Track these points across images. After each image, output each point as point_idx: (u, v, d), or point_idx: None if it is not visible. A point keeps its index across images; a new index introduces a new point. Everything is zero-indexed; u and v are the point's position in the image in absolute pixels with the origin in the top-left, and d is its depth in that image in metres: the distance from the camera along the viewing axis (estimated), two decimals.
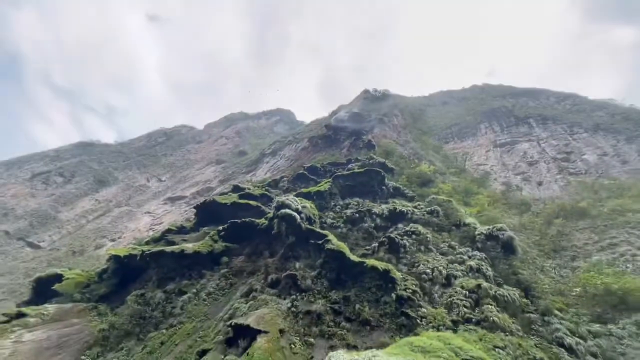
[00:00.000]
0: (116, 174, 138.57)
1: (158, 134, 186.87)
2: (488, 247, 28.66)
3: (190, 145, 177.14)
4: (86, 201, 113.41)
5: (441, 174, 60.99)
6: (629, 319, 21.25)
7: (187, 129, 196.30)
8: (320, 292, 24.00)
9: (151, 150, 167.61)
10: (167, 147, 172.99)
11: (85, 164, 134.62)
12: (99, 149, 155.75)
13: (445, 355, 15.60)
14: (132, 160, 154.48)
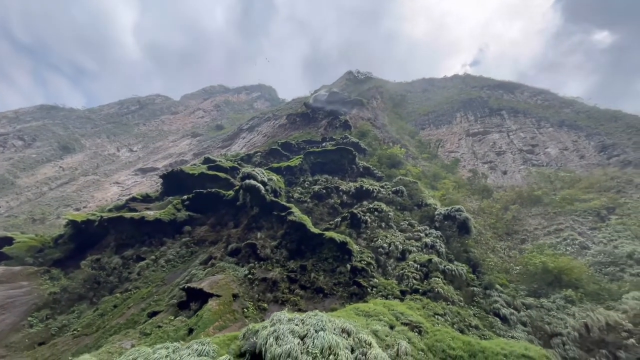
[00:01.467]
0: (83, 141, 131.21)
1: (131, 102, 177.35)
2: (445, 226, 29.98)
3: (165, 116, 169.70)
4: (48, 168, 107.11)
5: (413, 158, 62.43)
6: (559, 294, 23.23)
7: (162, 98, 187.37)
8: (278, 262, 24.39)
9: (123, 119, 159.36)
10: (140, 116, 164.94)
11: (49, 128, 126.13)
12: (64, 114, 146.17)
13: (386, 319, 16.48)
14: (102, 128, 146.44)
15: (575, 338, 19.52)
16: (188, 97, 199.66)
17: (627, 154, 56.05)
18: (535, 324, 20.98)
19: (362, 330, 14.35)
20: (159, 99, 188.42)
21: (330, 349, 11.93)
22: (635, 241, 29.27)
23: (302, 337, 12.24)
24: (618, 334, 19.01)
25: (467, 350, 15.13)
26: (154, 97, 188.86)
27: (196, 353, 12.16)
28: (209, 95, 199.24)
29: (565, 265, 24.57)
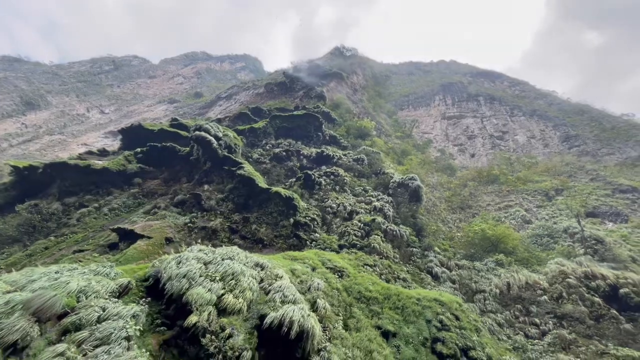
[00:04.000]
0: (49, 98, 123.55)
1: (105, 61, 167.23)
2: (398, 193, 30.43)
3: (141, 79, 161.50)
4: (9, 123, 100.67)
5: (386, 135, 62.64)
6: (491, 257, 24.32)
7: (139, 61, 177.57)
8: (222, 213, 24.10)
9: (95, 78, 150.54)
10: (114, 77, 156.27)
11: (10, 81, 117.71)
12: (29, 67, 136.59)
13: (310, 263, 16.66)
14: (71, 86, 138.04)
15: (496, 294, 20.60)
16: (168, 62, 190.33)
17: (587, 144, 58.39)
18: (463, 282, 21.96)
19: (279, 267, 14.41)
20: (136, 60, 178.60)
21: (233, 275, 11.90)
22: (573, 219, 30.83)
23: (206, 263, 12.12)
24: (534, 291, 20.19)
25: (383, 293, 15.57)
26: (130, 58, 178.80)
27: (92, 272, 11.86)
28: (191, 61, 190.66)
29: (502, 233, 25.63)
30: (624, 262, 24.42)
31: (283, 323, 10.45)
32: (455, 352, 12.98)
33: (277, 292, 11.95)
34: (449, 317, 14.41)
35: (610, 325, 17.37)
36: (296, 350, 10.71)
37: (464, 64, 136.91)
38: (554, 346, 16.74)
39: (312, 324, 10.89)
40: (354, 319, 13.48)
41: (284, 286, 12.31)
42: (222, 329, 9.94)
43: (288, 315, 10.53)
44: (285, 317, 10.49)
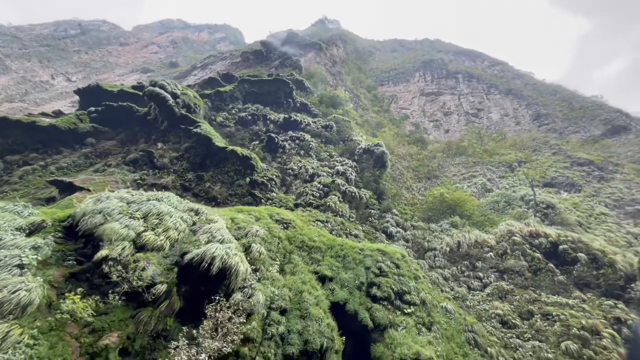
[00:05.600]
0: (8, 63, 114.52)
1: (70, 24, 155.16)
2: (363, 159, 30.26)
3: (112, 46, 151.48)
4: None
5: (363, 109, 61.99)
6: (447, 220, 24.83)
7: (109, 26, 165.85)
8: (176, 172, 23.22)
9: (59, 43, 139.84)
10: (81, 42, 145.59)
11: None
12: None
13: (256, 215, 16.31)
14: (32, 50, 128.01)
15: (446, 252, 21.15)
16: (141, 29, 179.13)
17: (555, 123, 59.97)
18: (416, 240, 22.40)
19: (218, 215, 13.96)
20: (105, 26, 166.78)
21: (158, 215, 11.35)
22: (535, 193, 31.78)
23: (129, 202, 11.47)
24: (482, 249, 20.83)
25: (327, 244, 15.49)
26: (99, 22, 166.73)
27: (2, 209, 11.04)
28: (166, 29, 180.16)
29: (459, 198, 26.13)
30: (570, 225, 25.57)
31: (204, 259, 10.10)
32: (389, 295, 13.18)
33: (205, 233, 11.54)
34: (389, 265, 14.56)
35: (546, 277, 18.22)
36: (220, 288, 10.46)
37: (447, 42, 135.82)
38: (492, 296, 17.44)
39: (237, 262, 10.61)
40: (292, 264, 13.36)
41: (214, 228, 11.91)
42: (135, 263, 9.49)
43: (209, 252, 10.18)
44: (206, 254, 10.13)
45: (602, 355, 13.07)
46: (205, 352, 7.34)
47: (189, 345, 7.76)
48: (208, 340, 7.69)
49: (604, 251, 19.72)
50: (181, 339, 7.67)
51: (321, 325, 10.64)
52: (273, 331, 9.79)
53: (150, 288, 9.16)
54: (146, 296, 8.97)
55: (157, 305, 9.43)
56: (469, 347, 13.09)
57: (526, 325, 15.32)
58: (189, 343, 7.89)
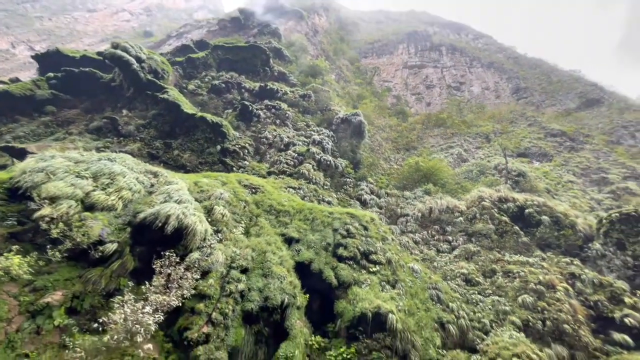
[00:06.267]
0: None
1: None
2: (340, 129, 29.81)
3: (78, 12, 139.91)
4: None
5: (346, 81, 60.62)
6: (421, 188, 25.12)
7: None
8: (143, 140, 22.16)
9: (18, 8, 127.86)
10: (43, 8, 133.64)
11: None
12: None
13: (223, 180, 15.84)
14: None
15: (417, 217, 21.52)
16: None
17: (534, 96, 60.71)
18: (390, 207, 22.65)
19: (179, 179, 13.42)
20: None
21: (110, 175, 10.71)
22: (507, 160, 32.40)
23: (77, 162, 10.76)
24: (452, 214, 21.28)
25: (296, 208, 15.30)
26: None
27: None
28: None
29: (434, 166, 26.36)
30: (539, 192, 26.41)
31: (157, 218, 9.70)
32: (355, 255, 13.28)
33: (162, 194, 11.07)
34: (357, 227, 14.61)
35: (511, 239, 18.89)
36: (177, 248, 10.16)
37: (434, 15, 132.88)
38: (459, 257, 18.00)
39: (195, 222, 10.27)
40: (258, 227, 13.16)
41: (172, 189, 11.43)
42: (81, 221, 9.00)
43: (164, 211, 9.77)
44: (160, 213, 9.71)
45: (554, 306, 13.83)
46: (152, 305, 7.11)
47: (137, 300, 7.52)
48: (156, 294, 7.45)
49: (566, 214, 20.53)
50: (127, 294, 7.41)
51: (283, 283, 10.63)
52: (232, 288, 9.69)
53: (97, 246, 8.76)
54: (93, 253, 8.59)
55: (108, 264, 9.09)
56: (432, 302, 13.55)
57: (488, 282, 15.98)
58: (137, 298, 7.66)
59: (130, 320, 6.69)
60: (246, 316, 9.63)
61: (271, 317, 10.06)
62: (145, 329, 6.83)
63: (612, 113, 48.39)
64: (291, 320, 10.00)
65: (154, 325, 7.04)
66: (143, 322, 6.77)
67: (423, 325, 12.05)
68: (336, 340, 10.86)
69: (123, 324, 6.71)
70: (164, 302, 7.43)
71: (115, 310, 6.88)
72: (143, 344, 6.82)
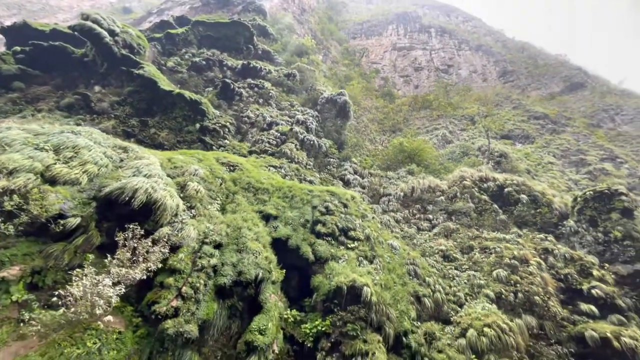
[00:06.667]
0: None
1: None
2: (325, 109, 29.33)
3: None
4: None
5: (333, 62, 59.46)
6: (404, 168, 25.19)
7: None
8: (118, 117, 21.26)
9: None
10: None
11: None
12: None
13: (199, 157, 15.38)
14: None
15: (400, 197, 21.63)
16: None
17: (520, 80, 61.03)
18: (372, 187, 22.68)
19: (152, 155, 12.92)
20: None
21: (74, 148, 10.16)
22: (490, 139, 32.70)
23: (37, 134, 10.15)
24: (434, 193, 21.46)
25: (276, 186, 15.06)
26: None
27: None
28: None
29: (418, 146, 26.38)
30: (519, 172, 26.86)
31: (124, 192, 9.32)
32: (333, 232, 13.25)
33: (131, 168, 10.62)
34: (336, 205, 14.52)
35: (490, 217, 19.25)
36: (147, 223, 9.85)
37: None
38: (438, 235, 18.26)
39: (165, 196, 9.93)
40: (234, 204, 12.90)
41: (142, 164, 10.98)
42: (40, 194, 8.54)
43: (130, 185, 9.37)
44: (126, 186, 9.32)
45: (527, 279, 14.26)
46: (113, 278, 6.87)
47: (98, 273, 7.25)
48: (118, 267, 7.20)
49: (544, 193, 20.98)
50: (88, 267, 7.12)
51: (258, 258, 10.51)
52: (204, 263, 9.51)
53: (58, 221, 8.37)
54: (53, 228, 8.20)
55: (72, 240, 8.74)
56: (409, 277, 13.75)
57: (465, 258, 16.32)
58: (99, 271, 7.39)
59: (89, 293, 6.44)
60: (219, 290, 9.51)
61: (245, 292, 9.98)
62: (106, 302, 6.61)
63: (594, 97, 49.21)
64: (265, 294, 9.95)
65: (115, 297, 6.83)
66: (103, 294, 6.54)
67: (399, 298, 12.24)
68: (312, 314, 10.92)
69: (82, 297, 6.47)
70: (127, 275, 7.19)
71: (74, 283, 6.60)
72: (103, 317, 6.62)
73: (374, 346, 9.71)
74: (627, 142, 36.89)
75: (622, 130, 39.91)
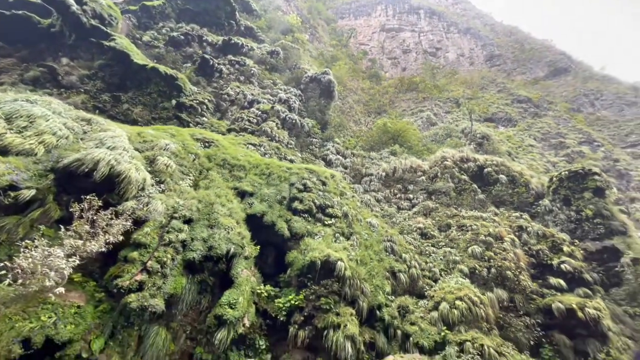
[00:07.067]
0: None
1: None
2: (309, 88, 28.65)
3: None
4: None
5: (321, 42, 57.92)
6: (387, 149, 25.10)
7: None
8: (88, 92, 20.17)
9: None
10: None
11: None
12: None
13: (173, 132, 14.78)
14: None
15: (381, 177, 21.62)
16: None
17: (506, 64, 61.17)
18: (355, 167, 22.57)
19: (119, 128, 12.27)
20: None
21: (28, 117, 9.47)
22: (474, 121, 32.85)
23: None
24: (415, 173, 21.52)
25: (253, 163, 14.68)
26: None
27: None
28: None
29: (402, 127, 26.26)
30: (500, 154, 27.19)
31: (84, 164, 8.80)
32: (310, 208, 13.09)
33: (93, 140, 10.04)
34: (315, 182, 14.31)
35: (468, 197, 19.49)
36: (111, 197, 9.41)
37: None
38: (417, 214, 18.40)
39: (130, 169, 9.46)
40: (208, 180, 12.51)
41: (106, 136, 10.40)
42: None
43: (91, 156, 8.84)
44: (86, 158, 8.80)
45: (500, 255, 14.60)
46: (66, 250, 6.52)
47: (51, 245, 6.88)
48: (72, 239, 6.84)
49: (522, 173, 21.34)
50: (39, 239, 6.73)
51: (230, 234, 10.28)
52: (172, 238, 9.21)
53: (8, 193, 7.85)
54: (2, 199, 7.69)
55: (27, 213, 8.25)
56: (386, 253, 13.85)
57: (443, 235, 16.55)
58: (52, 243, 7.01)
59: (39, 265, 6.09)
60: (188, 265, 9.27)
61: (216, 267, 9.78)
62: (59, 274, 6.28)
63: (576, 82, 49.92)
64: (237, 269, 9.78)
65: (69, 269, 6.50)
66: (54, 266, 6.20)
67: (375, 273, 12.32)
68: (287, 290, 10.87)
69: (33, 270, 6.11)
70: (84, 247, 6.84)
71: (21, 255, 6.22)
72: (54, 289, 6.30)
73: (346, 319, 9.77)
74: (604, 126, 37.80)
75: (600, 115, 40.81)
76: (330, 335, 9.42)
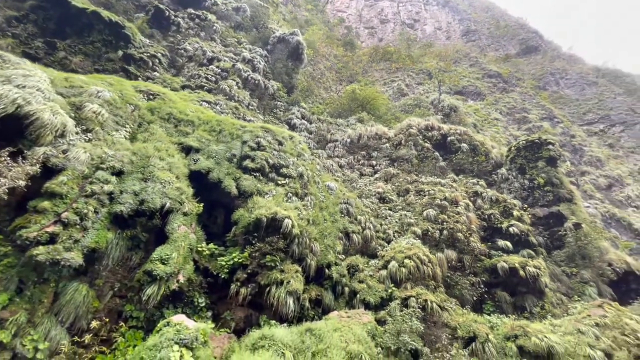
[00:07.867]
0: None
1: None
2: (277, 50, 27.05)
3: None
4: None
5: (295, 5, 54.68)
6: (355, 116, 24.55)
7: None
8: (18, 37, 17.65)
9: None
10: None
11: None
12: None
13: (111, 82, 13.26)
14: None
15: (346, 143, 21.19)
16: None
17: (481, 40, 61.16)
18: (320, 133, 21.95)
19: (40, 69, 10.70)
20: None
21: None
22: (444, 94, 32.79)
23: None
24: (380, 140, 21.25)
25: (203, 119, 13.59)
26: None
27: None
28: None
29: (370, 95, 25.68)
30: (466, 126, 27.45)
31: None
32: (262, 167, 12.45)
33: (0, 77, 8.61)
34: (270, 141, 13.58)
35: (430, 164, 19.59)
36: (22, 142, 8.25)
37: None
38: (379, 179, 18.30)
39: (43, 110, 8.26)
40: (148, 133, 11.42)
41: (17, 74, 8.99)
42: None
43: None
44: None
45: (453, 218, 14.87)
46: None
47: None
48: None
49: (483, 143, 21.67)
50: None
51: (166, 188, 9.49)
52: (96, 189, 8.31)
53: None
54: None
55: None
56: (341, 215, 13.66)
57: (400, 200, 16.62)
58: None
59: None
60: (116, 219, 8.49)
61: (150, 222, 9.05)
62: None
63: (544, 60, 50.99)
64: (173, 224, 9.11)
65: None
66: None
67: (327, 234, 12.11)
68: (233, 248, 10.40)
69: None
70: None
71: None
72: None
73: (290, 275, 9.52)
74: (566, 104, 39.20)
75: (564, 94, 42.21)
76: (273, 291, 9.16)
